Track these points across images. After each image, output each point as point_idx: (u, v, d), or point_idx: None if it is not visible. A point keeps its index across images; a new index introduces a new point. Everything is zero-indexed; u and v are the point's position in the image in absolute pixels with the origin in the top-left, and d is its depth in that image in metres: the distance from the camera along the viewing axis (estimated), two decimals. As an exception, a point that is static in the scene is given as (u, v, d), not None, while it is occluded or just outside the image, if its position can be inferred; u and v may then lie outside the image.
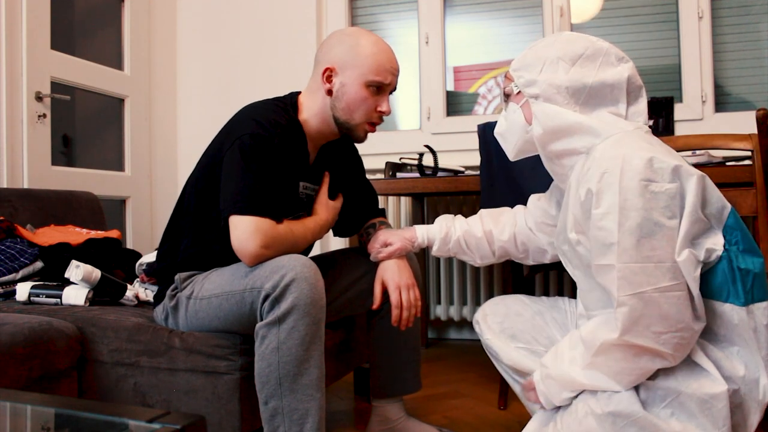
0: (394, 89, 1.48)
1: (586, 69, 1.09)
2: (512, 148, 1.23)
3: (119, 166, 3.00)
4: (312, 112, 1.47)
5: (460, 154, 2.79)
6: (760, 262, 1.01)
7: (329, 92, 1.44)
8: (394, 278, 1.46)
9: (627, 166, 0.97)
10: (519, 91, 1.16)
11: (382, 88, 1.44)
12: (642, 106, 1.13)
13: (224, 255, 1.40)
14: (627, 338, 0.98)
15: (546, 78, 1.10)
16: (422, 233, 1.47)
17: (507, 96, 1.21)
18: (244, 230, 1.30)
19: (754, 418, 1.01)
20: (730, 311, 0.99)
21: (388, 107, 1.46)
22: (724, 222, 1.01)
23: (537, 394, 1.16)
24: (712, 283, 1.00)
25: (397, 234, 1.50)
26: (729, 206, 1.02)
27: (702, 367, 1.00)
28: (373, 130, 1.50)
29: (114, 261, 1.99)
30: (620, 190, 0.97)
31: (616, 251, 0.98)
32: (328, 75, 1.43)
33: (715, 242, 0.99)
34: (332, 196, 1.58)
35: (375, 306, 1.47)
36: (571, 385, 1.08)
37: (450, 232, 1.44)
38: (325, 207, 1.53)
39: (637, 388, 1.03)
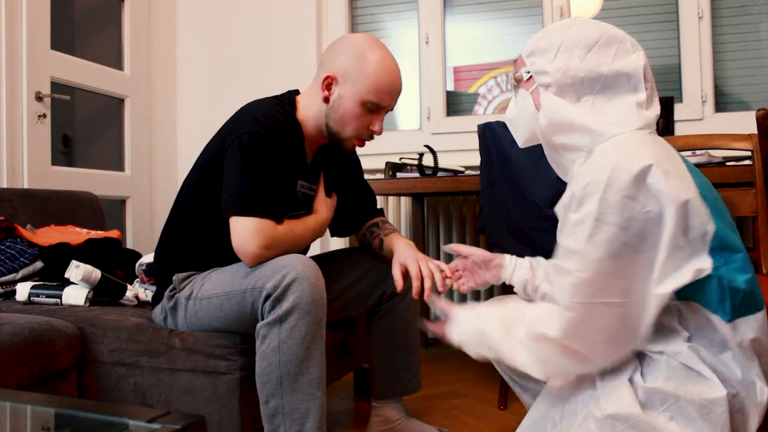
0: (392, 109, 1.48)
1: (602, 56, 1.05)
2: (522, 135, 1.20)
3: (119, 166, 3.00)
4: (309, 114, 1.47)
5: (460, 154, 2.79)
6: (748, 279, 1.00)
7: (326, 100, 1.43)
8: (410, 255, 1.45)
9: (614, 178, 0.95)
10: (530, 77, 1.12)
11: (378, 109, 1.43)
12: (656, 98, 1.10)
13: (222, 255, 1.40)
14: (566, 342, 1.00)
15: (560, 66, 1.07)
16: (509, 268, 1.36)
17: (517, 82, 1.17)
18: (245, 231, 1.30)
19: (753, 422, 1.00)
20: (718, 322, 0.99)
21: (380, 128, 1.46)
22: (709, 245, 0.98)
23: (448, 328, 1.17)
24: (701, 293, 0.99)
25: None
26: (711, 230, 0.98)
27: (700, 373, 0.99)
28: (362, 145, 1.50)
29: (114, 261, 1.99)
30: (600, 201, 0.95)
31: (578, 259, 0.98)
32: (328, 83, 1.42)
33: (703, 264, 0.97)
34: (328, 194, 1.58)
35: (399, 289, 1.44)
36: (501, 353, 1.10)
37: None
38: (325, 205, 1.53)
39: (635, 390, 1.02)
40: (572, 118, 1.06)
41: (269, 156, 1.36)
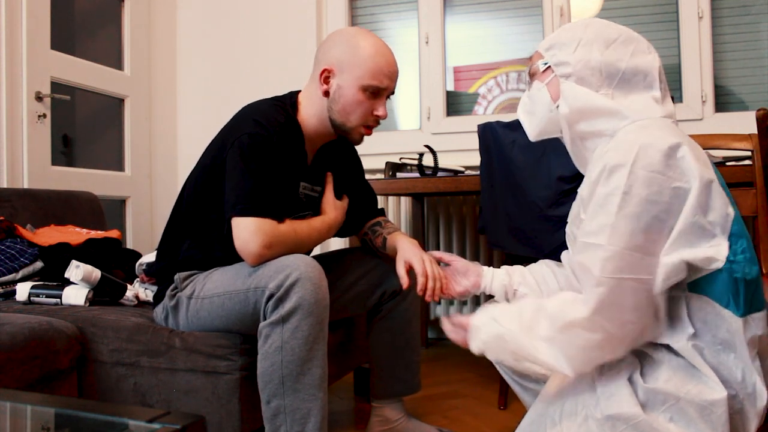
0: (393, 93, 1.48)
1: (620, 53, 1.08)
2: (535, 128, 1.20)
3: (119, 166, 3.00)
4: (310, 112, 1.47)
5: (460, 154, 2.79)
6: (757, 271, 1.00)
7: (326, 93, 1.44)
8: (416, 253, 1.44)
9: (642, 154, 0.97)
10: (546, 69, 1.14)
11: (379, 92, 1.43)
12: (670, 99, 1.12)
13: (224, 255, 1.40)
14: (597, 318, 0.98)
15: (580, 57, 1.09)
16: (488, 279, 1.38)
17: (532, 75, 1.19)
18: (246, 231, 1.30)
19: (753, 425, 1.00)
20: (730, 317, 0.99)
21: (385, 111, 1.45)
22: (729, 230, 0.99)
23: (466, 338, 1.14)
24: (713, 288, 0.99)
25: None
26: (732, 213, 1.00)
27: (701, 372, 0.99)
28: (369, 133, 1.49)
29: (114, 261, 1.99)
30: (629, 175, 0.96)
31: (608, 232, 0.97)
32: (326, 76, 1.43)
33: (718, 251, 0.97)
34: (338, 196, 1.57)
35: (405, 286, 1.44)
36: (525, 355, 1.07)
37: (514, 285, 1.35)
38: (333, 206, 1.53)
39: (635, 390, 1.02)
40: (597, 104, 1.08)
41: (269, 157, 1.36)
